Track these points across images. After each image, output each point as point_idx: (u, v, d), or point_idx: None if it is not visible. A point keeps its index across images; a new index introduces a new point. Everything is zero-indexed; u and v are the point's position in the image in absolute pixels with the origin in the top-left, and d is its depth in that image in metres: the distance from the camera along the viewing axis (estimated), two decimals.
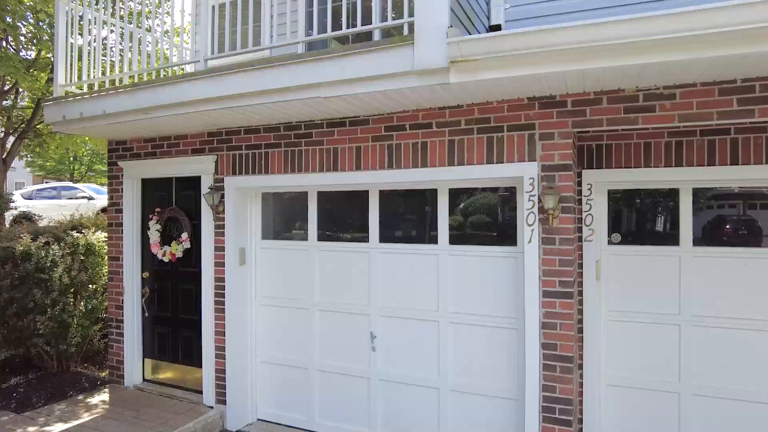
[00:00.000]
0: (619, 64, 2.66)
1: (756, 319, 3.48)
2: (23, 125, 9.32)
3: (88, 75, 4.57)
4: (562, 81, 3.03)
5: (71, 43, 4.60)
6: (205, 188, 4.56)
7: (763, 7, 2.27)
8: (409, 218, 4.21)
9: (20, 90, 8.94)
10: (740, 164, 3.40)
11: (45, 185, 16.96)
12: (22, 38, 7.53)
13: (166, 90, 3.91)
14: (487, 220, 3.93)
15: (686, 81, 3.01)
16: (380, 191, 4.18)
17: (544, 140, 3.36)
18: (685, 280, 3.66)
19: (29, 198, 15.67)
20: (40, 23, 7.51)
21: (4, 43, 7.78)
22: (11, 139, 9.34)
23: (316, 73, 3.29)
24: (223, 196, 4.49)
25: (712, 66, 2.70)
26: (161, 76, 4.94)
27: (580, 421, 3.81)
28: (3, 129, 9.05)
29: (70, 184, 16.77)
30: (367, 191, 4.22)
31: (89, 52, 4.57)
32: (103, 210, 15.02)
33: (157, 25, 5.64)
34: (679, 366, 3.68)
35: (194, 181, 4.74)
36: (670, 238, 3.75)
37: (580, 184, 3.78)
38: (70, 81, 4.62)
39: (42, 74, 8.60)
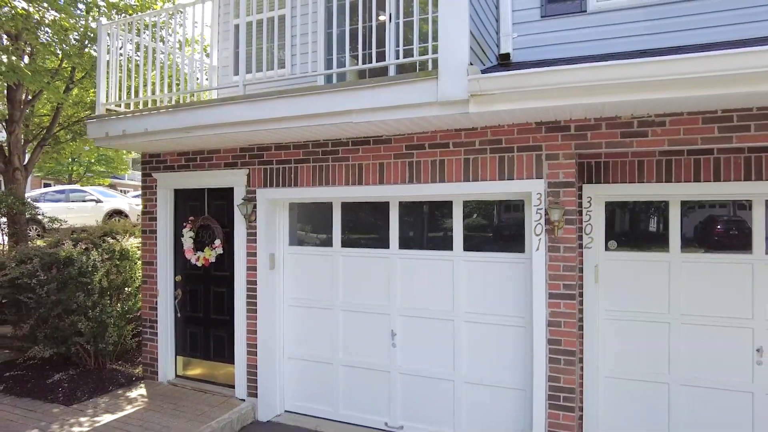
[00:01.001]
0: (616, 99, 3.11)
1: (735, 317, 3.95)
2: (43, 132, 9.65)
3: (128, 95, 4.97)
4: (567, 110, 3.47)
5: (113, 65, 4.99)
6: (238, 199, 4.97)
7: (736, 58, 2.72)
8: (426, 227, 4.64)
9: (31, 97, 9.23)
10: (722, 180, 3.85)
11: (52, 188, 17.21)
12: (48, 53, 7.86)
13: (206, 111, 4.32)
14: (498, 229, 4.37)
15: (674, 111, 3.46)
16: (400, 202, 4.61)
17: (550, 160, 3.80)
18: (674, 283, 4.11)
19: (36, 201, 15.94)
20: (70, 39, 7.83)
21: (26, 58, 8.12)
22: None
23: (349, 101, 3.72)
24: (255, 207, 4.90)
25: (696, 101, 3.15)
26: (187, 97, 5.33)
27: (581, 408, 4.26)
28: (23, 137, 9.37)
29: (78, 186, 17.03)
30: (388, 202, 4.64)
31: (128, 74, 4.97)
32: (112, 213, 15.42)
33: (195, 53, 6.02)
34: (668, 359, 4.13)
35: (226, 192, 5.14)
36: (661, 244, 4.21)
37: (580, 197, 4.23)
38: (113, 100, 5.01)
39: (61, 84, 8.95)
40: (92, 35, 7.62)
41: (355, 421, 4.76)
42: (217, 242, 5.19)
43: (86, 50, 8.54)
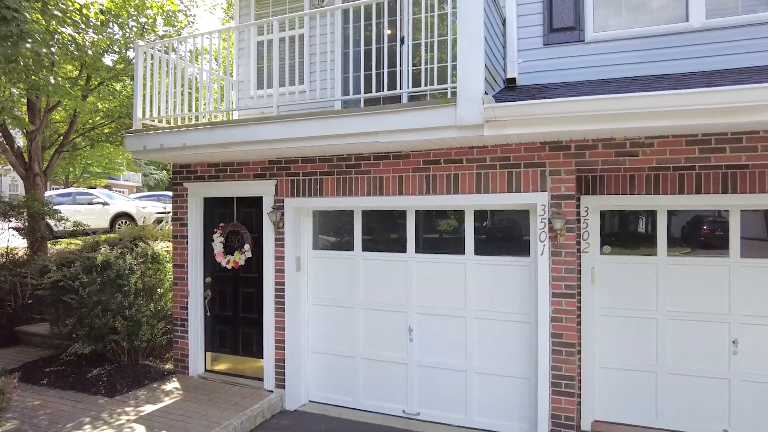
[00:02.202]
0: (609, 127, 3.63)
1: (714, 313, 4.49)
2: (60, 138, 10.01)
3: (166, 111, 5.41)
4: (568, 133, 3.98)
5: (148, 83, 5.43)
6: (267, 207, 5.43)
7: (713, 95, 3.24)
8: (440, 233, 5.14)
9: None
10: (703, 193, 4.38)
11: (59, 190, 17.48)
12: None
13: (243, 129, 4.78)
14: (505, 236, 4.87)
15: (662, 134, 3.97)
16: (416, 211, 5.10)
17: (553, 175, 4.31)
18: (661, 283, 4.64)
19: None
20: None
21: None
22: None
23: (376, 123, 4.20)
24: (283, 215, 5.36)
25: (679, 128, 3.67)
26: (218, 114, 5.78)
27: (579, 395, 4.78)
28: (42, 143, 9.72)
29: (85, 189, 17.29)
30: (405, 211, 5.13)
31: (165, 92, 5.41)
32: (119, 216, 15.73)
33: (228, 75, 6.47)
34: (656, 351, 4.67)
35: (255, 201, 5.60)
36: (650, 249, 4.73)
37: (578, 206, 4.74)
38: (148, 115, 5.45)
39: (78, 92, 9.32)
40: (107, 46, 8.00)
41: (374, 409, 5.24)
42: (246, 246, 5.65)
43: (102, 60, 8.92)
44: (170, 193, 21.59)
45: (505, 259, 4.75)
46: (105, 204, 15.90)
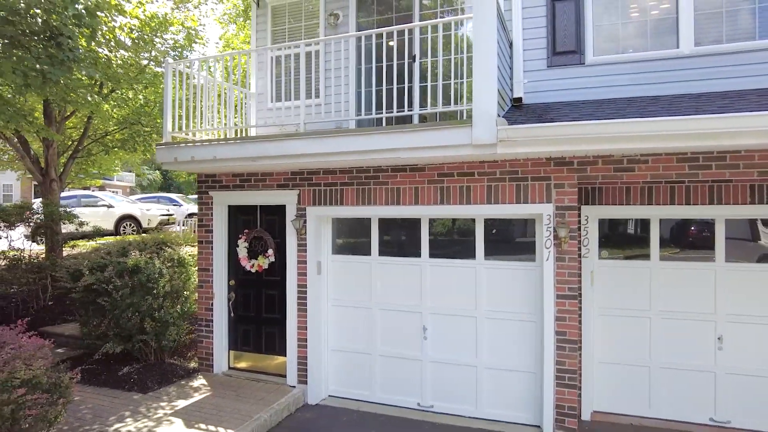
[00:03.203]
0: (608, 147, 4.08)
1: (702, 312, 4.96)
2: (74, 144, 10.31)
3: (194, 125, 5.78)
4: (571, 152, 4.42)
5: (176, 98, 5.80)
6: (290, 215, 5.82)
7: (698, 122, 3.69)
8: (452, 239, 5.57)
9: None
10: (692, 204, 4.85)
11: (63, 193, 17.64)
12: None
13: (272, 145, 5.17)
14: (513, 242, 5.31)
15: (655, 152, 4.43)
16: (430, 218, 5.52)
17: (558, 188, 4.75)
18: (654, 285, 5.11)
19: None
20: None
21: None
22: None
23: (397, 141, 4.61)
24: (305, 222, 5.76)
25: (670, 148, 4.13)
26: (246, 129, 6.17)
27: (580, 388, 5.23)
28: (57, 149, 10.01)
29: (90, 192, 17.53)
30: (420, 219, 5.55)
31: (193, 107, 5.78)
32: (123, 218, 15.98)
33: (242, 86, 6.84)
34: (649, 347, 5.13)
35: (278, 209, 5.99)
36: (644, 254, 5.20)
37: (579, 215, 5.19)
38: (176, 129, 5.82)
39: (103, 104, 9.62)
40: (135, 62, 8.34)
41: (391, 402, 5.66)
42: (270, 251, 6.04)
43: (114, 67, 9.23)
44: (169, 195, 21.88)
45: (513, 264, 5.18)
46: (110, 207, 16.19)
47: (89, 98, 6.63)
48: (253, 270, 6.13)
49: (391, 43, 5.80)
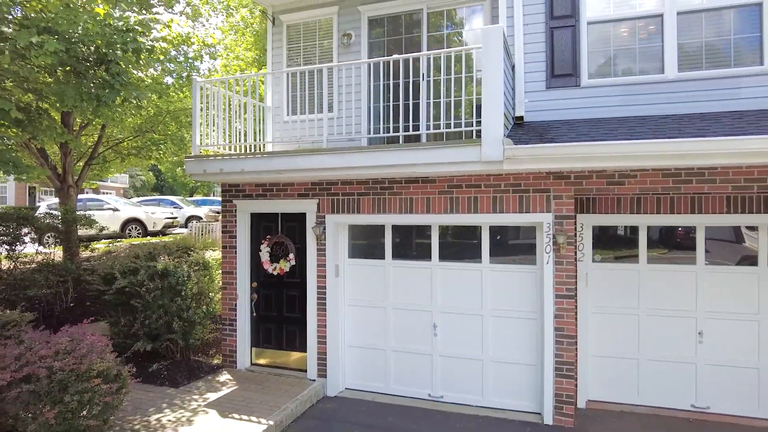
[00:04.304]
0: (601, 165, 4.63)
1: (685, 310, 5.54)
2: (89, 150, 10.70)
3: (223, 138, 6.26)
4: (570, 167, 4.97)
5: (204, 113, 6.27)
6: (310, 222, 6.32)
7: (678, 144, 4.26)
8: (460, 244, 6.10)
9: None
10: (676, 213, 5.43)
11: None
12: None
13: (299, 159, 5.66)
14: (516, 247, 5.86)
15: (643, 168, 5.00)
16: (439, 225, 6.05)
17: (556, 199, 5.31)
18: (642, 286, 5.68)
19: (54, 209, 16.75)
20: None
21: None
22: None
23: (414, 157, 5.13)
24: (324, 229, 6.26)
25: (655, 165, 4.70)
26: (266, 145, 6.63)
27: (576, 378, 5.79)
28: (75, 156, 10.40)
29: (96, 195, 17.85)
30: (430, 225, 6.08)
31: (219, 122, 6.26)
32: (129, 221, 16.33)
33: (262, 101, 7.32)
34: (638, 341, 5.71)
35: (298, 216, 6.49)
36: (633, 257, 5.77)
37: (575, 223, 5.75)
38: (203, 143, 6.29)
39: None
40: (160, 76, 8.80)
41: (404, 393, 6.18)
42: (291, 256, 6.53)
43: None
44: (170, 198, 22.21)
45: (516, 267, 5.73)
46: (115, 210, 16.55)
47: (125, 115, 7.05)
48: (274, 273, 6.62)
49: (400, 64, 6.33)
